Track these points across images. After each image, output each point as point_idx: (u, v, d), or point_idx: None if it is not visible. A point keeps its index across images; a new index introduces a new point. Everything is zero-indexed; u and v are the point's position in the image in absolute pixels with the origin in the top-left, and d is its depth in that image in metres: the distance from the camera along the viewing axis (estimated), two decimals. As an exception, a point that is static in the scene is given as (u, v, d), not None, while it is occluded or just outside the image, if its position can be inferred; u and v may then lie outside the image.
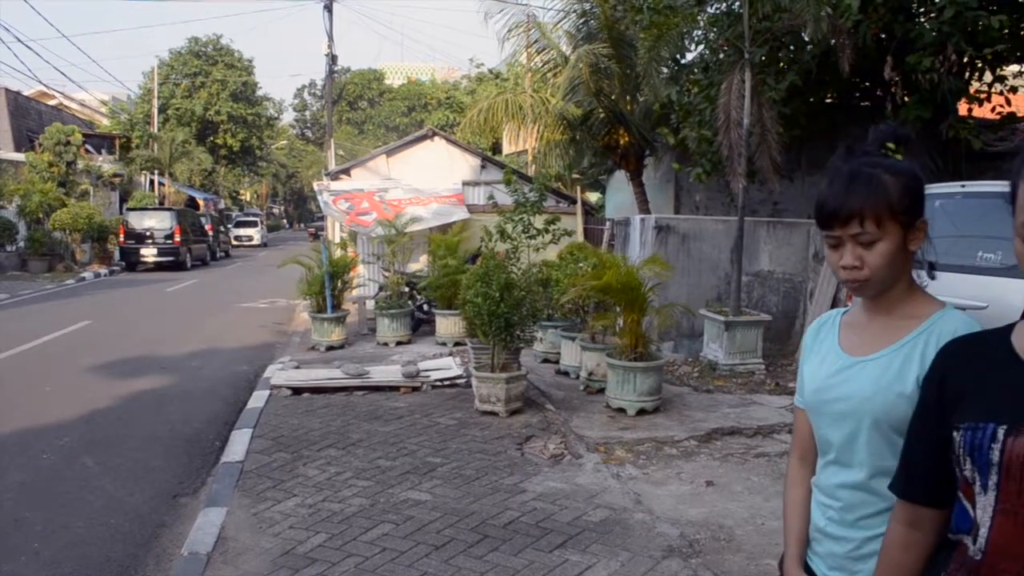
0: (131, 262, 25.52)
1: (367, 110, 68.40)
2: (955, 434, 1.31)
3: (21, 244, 24.02)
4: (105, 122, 43.89)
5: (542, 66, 15.61)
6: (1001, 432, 1.23)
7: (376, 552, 4.38)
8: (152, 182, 38.06)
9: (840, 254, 1.65)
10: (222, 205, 51.65)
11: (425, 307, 12.09)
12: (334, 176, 15.70)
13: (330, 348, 10.81)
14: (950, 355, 1.44)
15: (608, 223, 12.54)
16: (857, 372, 1.70)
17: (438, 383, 8.44)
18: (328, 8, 26.33)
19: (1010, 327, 1.39)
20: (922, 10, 9.32)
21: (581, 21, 13.62)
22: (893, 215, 1.60)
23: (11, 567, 4.45)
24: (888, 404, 1.62)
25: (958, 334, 1.54)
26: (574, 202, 14.74)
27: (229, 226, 42.79)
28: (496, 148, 27.41)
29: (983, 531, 1.27)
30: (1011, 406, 1.26)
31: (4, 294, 17.45)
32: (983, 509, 1.26)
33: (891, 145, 1.70)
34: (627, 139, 12.78)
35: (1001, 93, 9.79)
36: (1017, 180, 1.24)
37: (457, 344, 10.61)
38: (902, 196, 1.61)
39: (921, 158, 10.08)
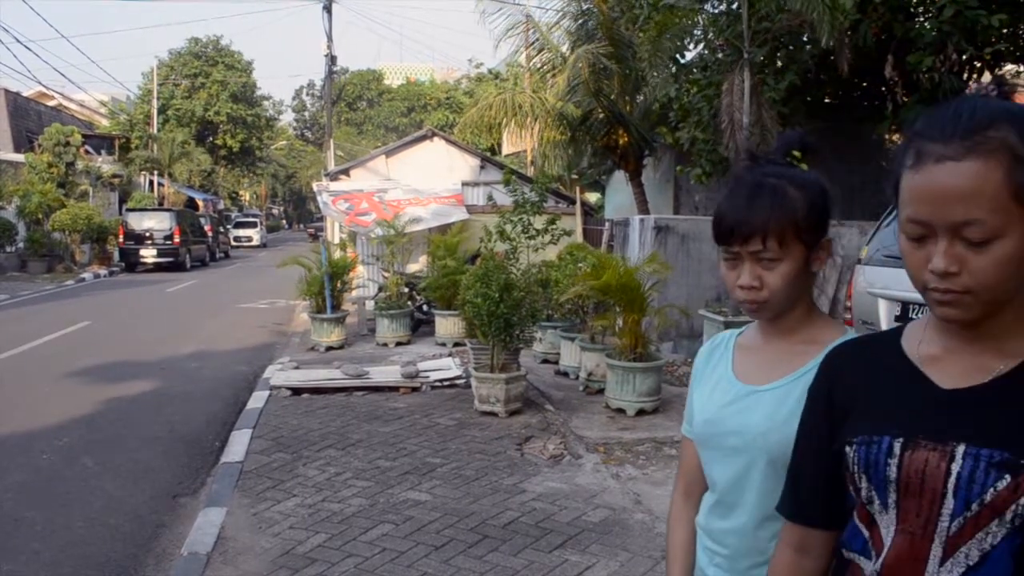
0: (130, 263, 25.52)
1: (366, 110, 68.42)
2: (848, 449, 1.19)
3: (20, 245, 24.02)
4: (104, 123, 43.92)
5: (541, 66, 15.63)
6: (897, 446, 1.12)
7: (376, 552, 4.38)
8: (151, 183, 38.06)
9: (737, 272, 1.50)
10: (221, 206, 51.66)
11: (424, 308, 12.09)
12: (333, 177, 15.71)
13: (330, 349, 10.81)
14: (837, 361, 1.30)
15: (607, 224, 12.55)
16: (752, 403, 1.54)
17: (438, 384, 8.44)
18: (327, 9, 26.35)
19: (900, 328, 1.27)
20: (921, 9, 9.33)
21: (579, 22, 13.62)
22: (798, 233, 1.46)
23: (11, 567, 4.45)
24: (785, 441, 1.42)
25: None
26: (573, 202, 14.75)
27: (228, 227, 42.81)
28: (496, 149, 27.42)
29: (881, 552, 1.15)
30: (907, 416, 1.15)
31: (4, 295, 17.45)
32: (885, 528, 1.14)
33: (797, 153, 1.56)
34: (626, 139, 12.78)
35: (1000, 93, 9.80)
36: (900, 170, 1.12)
37: (457, 344, 10.62)
38: (808, 213, 1.46)
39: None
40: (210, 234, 31.73)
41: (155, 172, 37.43)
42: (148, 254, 25.43)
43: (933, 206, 1.05)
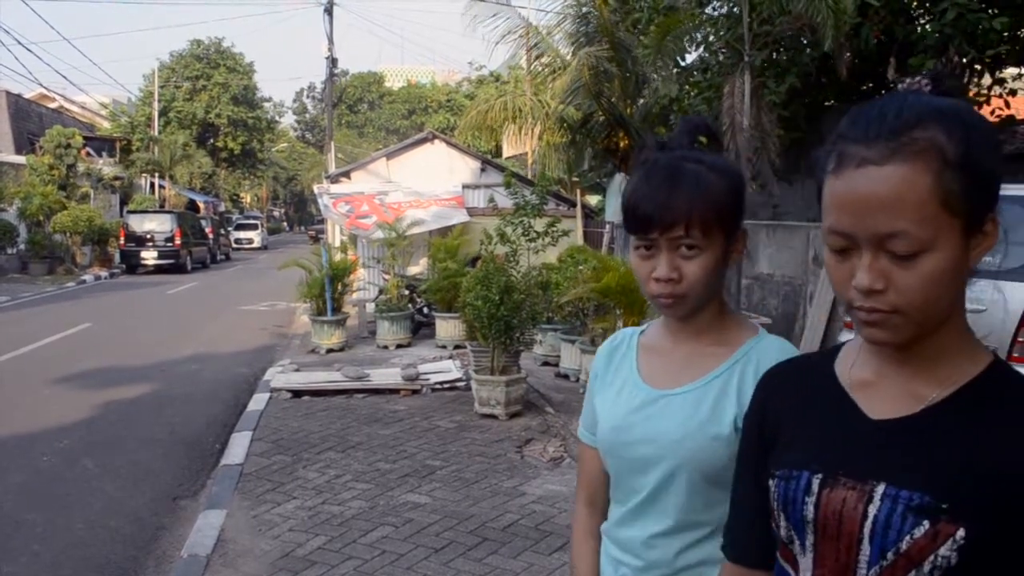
0: (131, 265, 25.54)
1: (367, 113, 68.47)
2: (770, 483, 1.07)
3: (21, 247, 24.04)
4: (106, 125, 43.95)
5: (542, 69, 15.63)
6: (816, 482, 1.01)
7: (375, 555, 4.38)
8: (152, 185, 38.09)
9: (652, 264, 1.38)
10: (222, 208, 51.66)
11: (425, 310, 12.09)
12: (334, 179, 15.73)
13: (330, 351, 10.81)
14: (770, 385, 1.18)
15: (608, 226, 12.56)
16: (663, 408, 1.42)
17: (438, 386, 8.44)
18: (328, 11, 26.38)
19: (836, 349, 1.14)
20: (921, 12, 9.34)
21: (579, 25, 13.62)
22: (720, 221, 1.36)
23: (12, 569, 4.46)
24: (701, 449, 1.35)
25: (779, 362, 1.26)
26: (574, 205, 14.75)
27: (229, 229, 42.84)
28: (497, 151, 27.44)
29: None
30: (830, 449, 1.03)
31: (4, 296, 17.46)
32: (805, 572, 1.03)
33: (703, 139, 1.44)
34: (627, 141, 12.77)
35: (1000, 96, 9.81)
36: (822, 176, 1.00)
37: (457, 347, 10.62)
38: (729, 199, 1.37)
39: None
40: (211, 236, 31.75)
41: (156, 174, 37.45)
42: (149, 256, 25.45)
43: (855, 216, 0.94)
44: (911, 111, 0.95)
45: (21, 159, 27.70)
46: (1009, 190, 5.00)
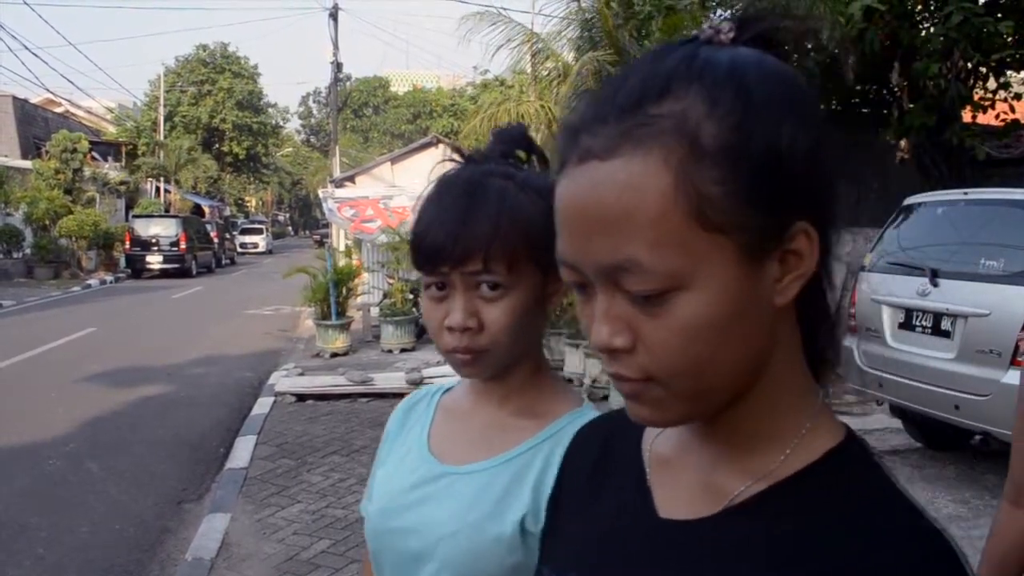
0: (137, 269, 25.62)
1: (372, 117, 68.65)
2: None
3: (27, 251, 24.13)
4: (111, 129, 44.08)
5: (547, 73, 15.65)
6: None
7: (379, 558, 4.38)
8: (158, 189, 38.21)
9: (445, 308, 1.04)
10: (227, 212, 51.82)
11: (429, 314, 12.09)
12: (339, 183, 15.78)
13: (334, 355, 10.82)
14: (571, 451, 0.90)
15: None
16: (444, 490, 1.08)
17: (442, 390, 8.44)
18: (333, 16, 26.47)
19: None
20: (926, 16, 9.34)
21: (583, 30, 13.65)
22: (532, 253, 1.01)
23: (17, 572, 4.47)
24: (474, 551, 1.02)
25: None
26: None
27: (234, 233, 42.95)
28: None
29: None
30: (602, 550, 0.75)
31: (10, 301, 17.52)
32: None
33: (522, 154, 1.14)
34: (631, 146, 12.79)
35: (1005, 100, 9.80)
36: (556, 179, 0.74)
37: (461, 351, 10.61)
38: (546, 226, 0.84)
39: (926, 165, 10.10)
40: (216, 240, 31.84)
41: (161, 179, 37.59)
42: (154, 260, 25.52)
43: (573, 237, 0.63)
44: (662, 73, 0.62)
45: (27, 164, 27.80)
46: (1015, 194, 4.92)
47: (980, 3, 8.89)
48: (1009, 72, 9.74)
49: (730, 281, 0.61)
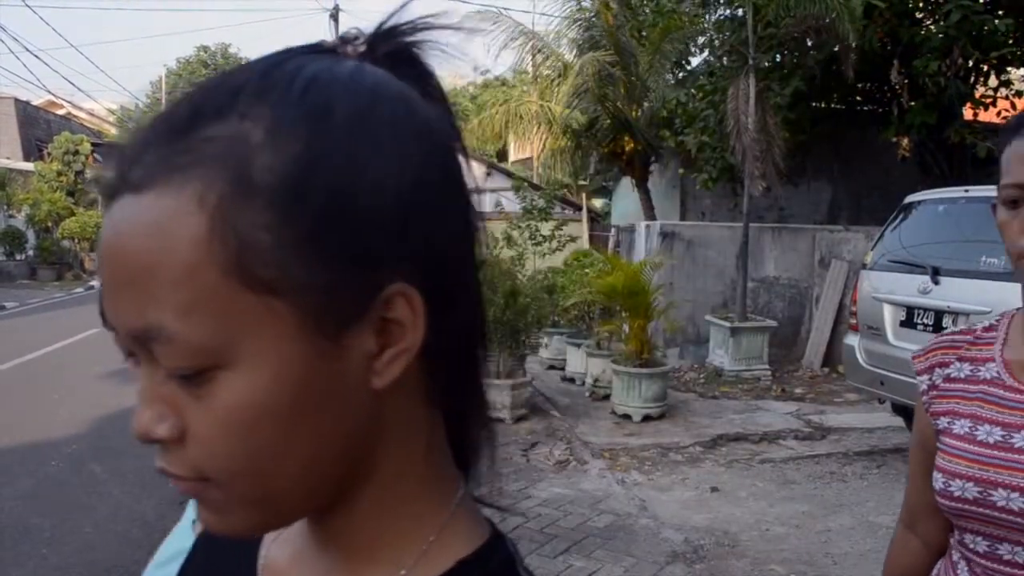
0: (139, 270, 25.63)
1: (374, 118, 68.74)
2: None
3: (30, 253, 24.18)
4: (114, 131, 44.17)
5: (548, 72, 15.65)
6: None
7: (381, 558, 4.39)
8: (160, 191, 38.22)
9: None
10: (230, 213, 51.87)
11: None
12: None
13: (337, 355, 10.82)
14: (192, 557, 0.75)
15: (613, 230, 12.57)
16: None
17: (444, 390, 8.45)
18: (334, 17, 26.49)
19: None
20: (926, 14, 9.35)
21: (583, 30, 13.66)
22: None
23: (20, 572, 4.48)
24: None
25: None
26: (579, 209, 14.78)
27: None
28: (502, 154, 27.49)
29: None
30: None
31: (13, 302, 17.55)
32: None
33: None
34: (632, 145, 12.79)
35: (1006, 98, 9.80)
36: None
37: (463, 351, 10.62)
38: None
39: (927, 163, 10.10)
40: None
41: (164, 180, 37.59)
42: (157, 262, 25.53)
43: (104, 291, 0.50)
44: (232, 86, 0.49)
45: (29, 166, 27.85)
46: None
47: (979, 1, 8.90)
48: (1010, 69, 9.74)
49: (292, 358, 0.47)
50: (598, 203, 20.39)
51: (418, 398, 0.54)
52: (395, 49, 0.54)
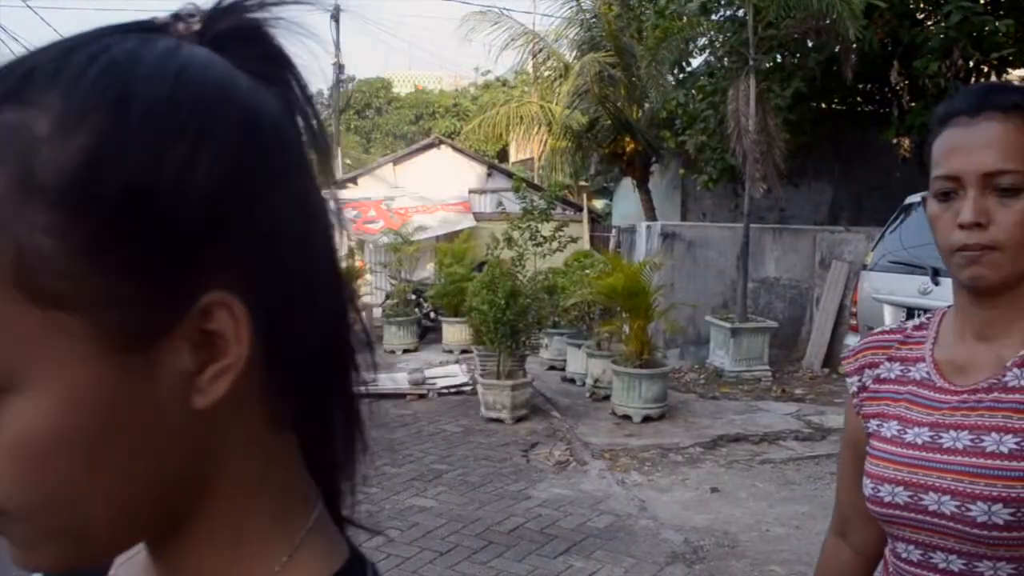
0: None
1: (374, 118, 68.69)
2: None
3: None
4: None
5: (549, 73, 15.67)
6: None
7: (381, 558, 4.39)
8: (161, 191, 38.30)
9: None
10: (230, 214, 51.87)
11: (432, 315, 12.12)
12: (341, 185, 15.78)
13: (337, 356, 10.83)
14: None
15: (614, 230, 12.59)
16: None
17: (444, 390, 8.46)
18: (335, 18, 26.50)
19: None
20: (926, 15, 9.35)
21: (584, 31, 13.67)
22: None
23: (21, 573, 4.48)
24: None
25: None
26: (580, 209, 14.78)
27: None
28: (502, 155, 27.50)
29: None
30: None
31: None
32: None
33: None
34: (633, 146, 12.81)
35: (1007, 98, 9.79)
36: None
37: (463, 351, 10.63)
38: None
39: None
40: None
41: (164, 181, 37.66)
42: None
43: None
44: (28, 66, 0.43)
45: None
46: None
47: (980, 1, 8.90)
48: (1010, 70, 9.74)
49: (88, 379, 0.42)
50: (599, 204, 20.37)
51: (259, 418, 0.49)
52: (236, 26, 0.48)
